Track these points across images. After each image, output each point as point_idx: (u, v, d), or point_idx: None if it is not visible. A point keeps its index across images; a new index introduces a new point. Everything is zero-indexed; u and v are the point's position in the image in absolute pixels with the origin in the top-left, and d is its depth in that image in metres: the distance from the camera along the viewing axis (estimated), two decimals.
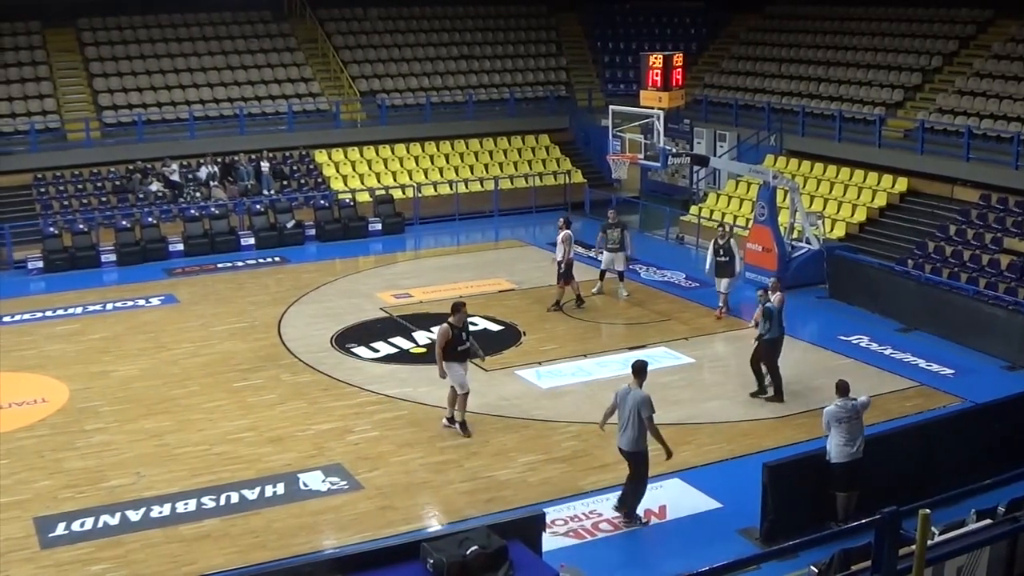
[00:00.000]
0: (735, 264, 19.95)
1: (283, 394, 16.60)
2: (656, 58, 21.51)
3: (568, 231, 20.52)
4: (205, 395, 16.60)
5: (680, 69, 21.54)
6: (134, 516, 12.64)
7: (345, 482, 13.51)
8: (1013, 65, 25.40)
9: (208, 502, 12.97)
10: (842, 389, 12.12)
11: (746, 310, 19.46)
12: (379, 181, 29.96)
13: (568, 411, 15.74)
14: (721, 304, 20.03)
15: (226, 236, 26.38)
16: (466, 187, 30.14)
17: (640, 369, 12.12)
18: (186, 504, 12.92)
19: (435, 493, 13.30)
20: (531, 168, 31.65)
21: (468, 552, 8.81)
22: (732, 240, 20.12)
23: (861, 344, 18.79)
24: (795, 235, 22.85)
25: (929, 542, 7.04)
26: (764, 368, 16.02)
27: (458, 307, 14.72)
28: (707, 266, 20.33)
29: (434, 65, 33.80)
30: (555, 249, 20.68)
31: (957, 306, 19.30)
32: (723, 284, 20.03)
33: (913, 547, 6.71)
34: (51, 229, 25.21)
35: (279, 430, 15.17)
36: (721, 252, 19.89)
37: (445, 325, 14.52)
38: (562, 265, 20.42)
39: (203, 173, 28.20)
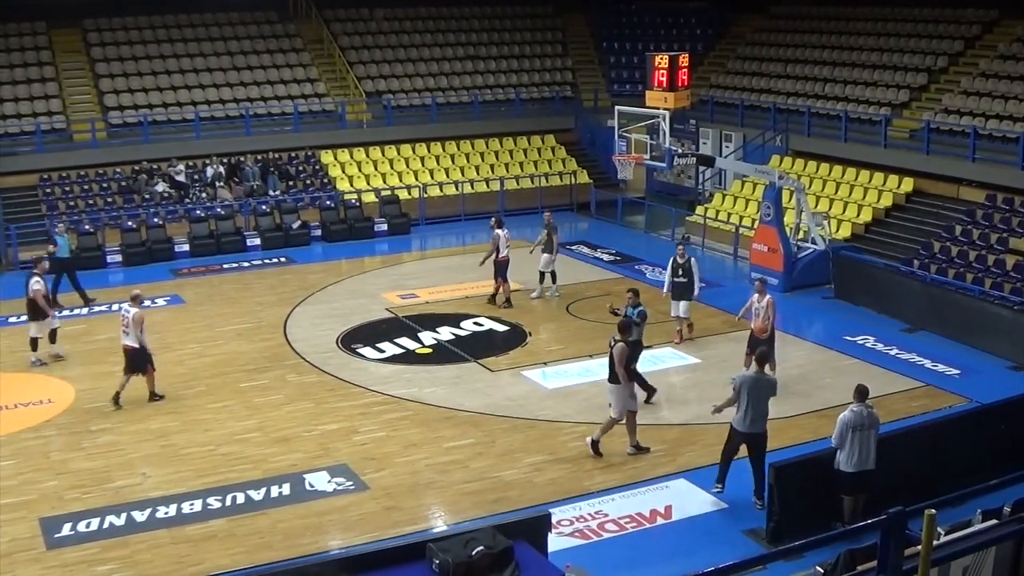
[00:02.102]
0: (694, 286, 18.59)
1: (289, 394, 16.62)
2: (662, 58, 21.48)
3: (500, 231, 20.92)
4: (211, 395, 16.62)
5: (686, 69, 21.49)
6: (140, 517, 12.66)
7: (351, 482, 13.52)
8: (1019, 65, 25.36)
9: (214, 502, 12.99)
10: (861, 394, 11.75)
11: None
12: (385, 182, 29.99)
13: (574, 411, 15.74)
14: (679, 328, 18.79)
15: (232, 237, 26.42)
16: (472, 187, 30.15)
17: (763, 357, 13.25)
18: (192, 504, 12.94)
19: (441, 493, 13.31)
20: (537, 169, 31.66)
21: (474, 552, 8.82)
22: (692, 260, 18.80)
23: (867, 344, 18.77)
24: (801, 235, 22.86)
25: (935, 542, 7.03)
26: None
27: (628, 326, 14.33)
28: (664, 287, 18.98)
29: (440, 66, 33.83)
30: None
31: (963, 306, 19.29)
32: (681, 308, 18.57)
33: (919, 547, 6.71)
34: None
35: (285, 431, 15.19)
36: (680, 272, 18.56)
37: (621, 344, 13.87)
38: (492, 262, 20.97)
39: (209, 174, 28.25)
